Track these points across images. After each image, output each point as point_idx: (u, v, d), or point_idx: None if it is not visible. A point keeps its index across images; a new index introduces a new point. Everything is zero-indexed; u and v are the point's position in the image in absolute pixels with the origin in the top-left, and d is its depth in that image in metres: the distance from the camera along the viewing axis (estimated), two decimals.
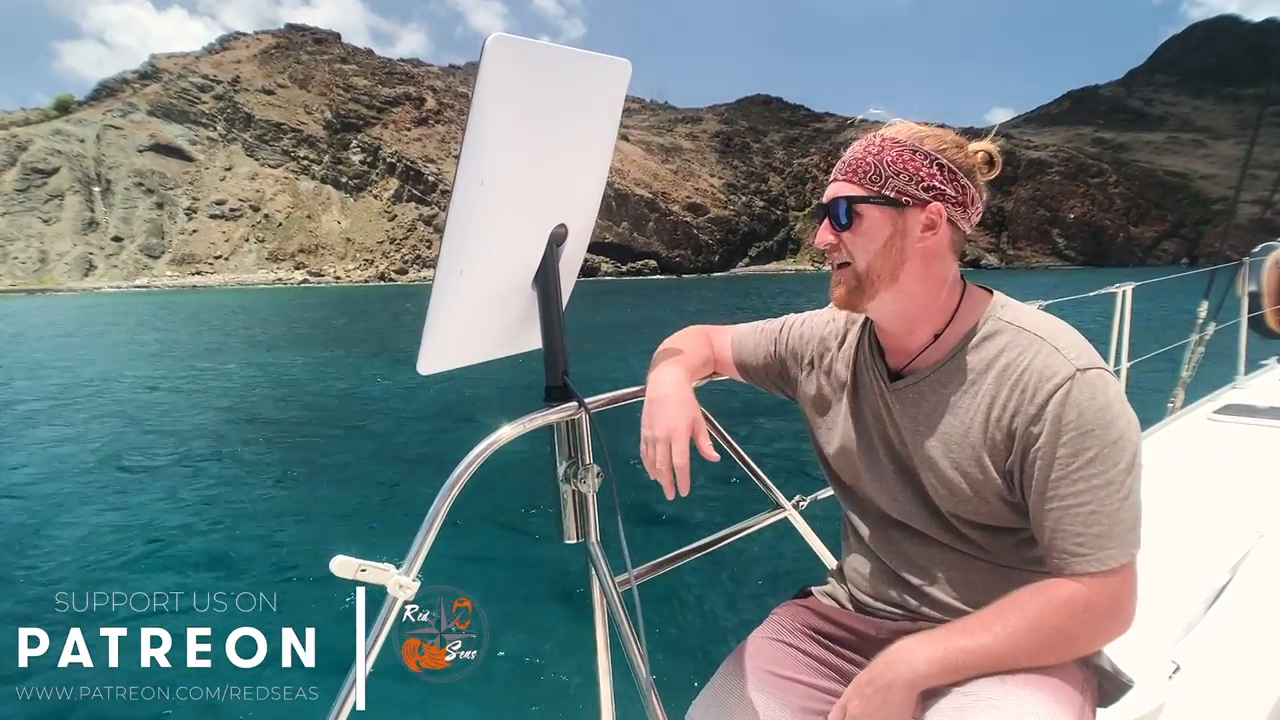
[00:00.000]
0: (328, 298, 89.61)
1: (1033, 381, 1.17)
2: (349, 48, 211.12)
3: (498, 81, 1.05)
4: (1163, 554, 2.65)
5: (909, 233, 1.24)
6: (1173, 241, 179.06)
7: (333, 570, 1.05)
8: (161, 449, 12.40)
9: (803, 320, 1.57)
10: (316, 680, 5.41)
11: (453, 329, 1.25)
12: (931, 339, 1.30)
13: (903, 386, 1.33)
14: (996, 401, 1.21)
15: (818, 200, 1.33)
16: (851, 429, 1.41)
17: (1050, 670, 1.17)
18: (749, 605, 5.76)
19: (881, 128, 1.29)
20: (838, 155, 1.32)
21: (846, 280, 1.29)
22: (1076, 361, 1.15)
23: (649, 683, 1.25)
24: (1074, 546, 1.13)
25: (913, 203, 1.23)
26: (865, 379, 1.40)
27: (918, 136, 1.25)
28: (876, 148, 1.25)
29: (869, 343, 1.41)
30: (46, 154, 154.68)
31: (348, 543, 7.70)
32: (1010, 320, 1.25)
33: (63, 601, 1.95)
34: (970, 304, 1.30)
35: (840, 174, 1.28)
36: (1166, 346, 4.99)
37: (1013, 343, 1.22)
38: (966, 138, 1.31)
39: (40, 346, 33.35)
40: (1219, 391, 5.10)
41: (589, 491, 1.30)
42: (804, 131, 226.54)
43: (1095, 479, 1.12)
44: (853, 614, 1.46)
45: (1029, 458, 1.18)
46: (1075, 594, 1.14)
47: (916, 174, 1.23)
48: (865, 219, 1.24)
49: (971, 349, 1.26)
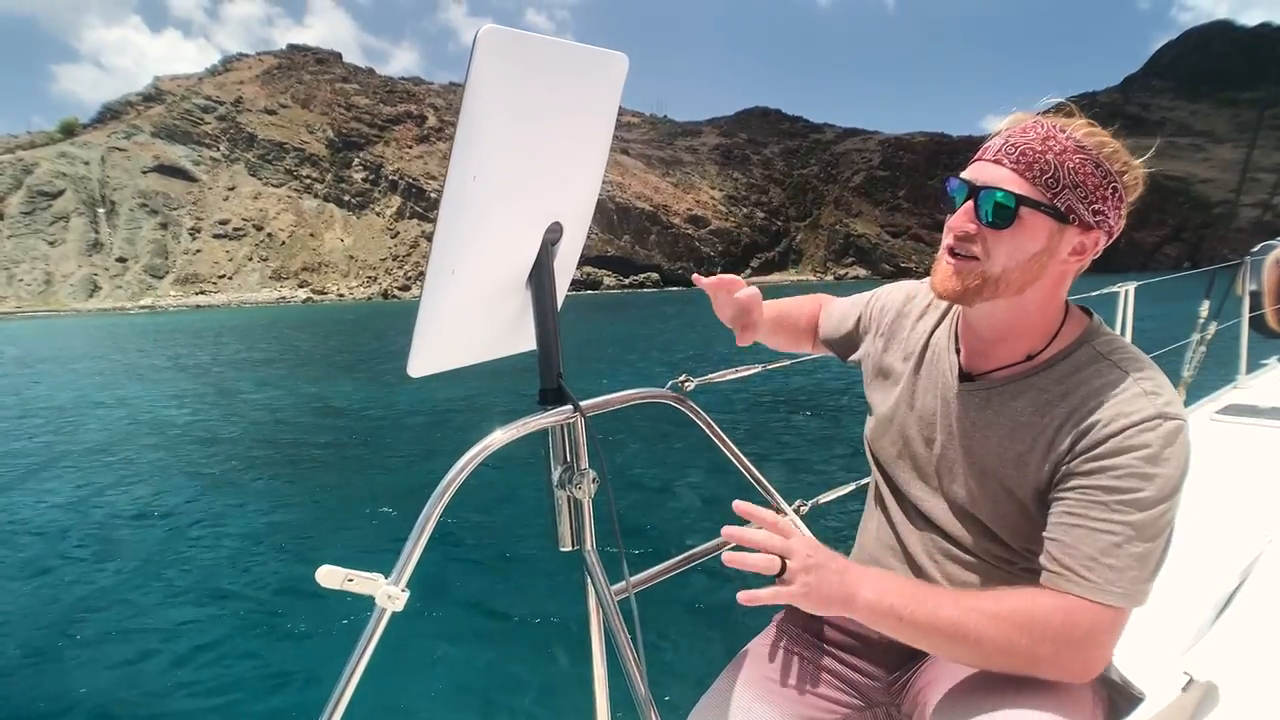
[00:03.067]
0: (330, 315, 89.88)
1: (1109, 413, 1.10)
2: (350, 67, 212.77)
3: (490, 75, 1.02)
4: (1169, 558, 2.61)
5: (1058, 251, 1.14)
6: (1175, 246, 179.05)
7: (319, 580, 1.02)
8: (144, 460, 12.37)
9: (888, 291, 1.53)
10: (305, 691, 5.41)
11: (444, 330, 1.21)
12: (1025, 356, 1.22)
13: (973, 389, 1.27)
14: (1065, 427, 1.14)
15: (951, 176, 1.17)
16: (902, 412, 1.37)
17: (1059, 685, 1.11)
18: (749, 613, 5.68)
19: (1051, 114, 1.16)
20: (838, 166, 1.23)
21: (967, 276, 1.16)
22: (1164, 408, 1.09)
23: (647, 696, 1.21)
24: (1082, 568, 1.08)
25: (1076, 222, 1.12)
26: (935, 368, 1.34)
27: (1100, 146, 1.12)
28: (1059, 146, 1.10)
29: (950, 333, 1.35)
30: (52, 176, 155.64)
31: (335, 552, 7.67)
32: (1105, 353, 1.18)
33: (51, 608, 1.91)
34: (1070, 328, 1.22)
35: (1007, 159, 1.12)
36: (1168, 347, 4.96)
37: (1103, 377, 1.15)
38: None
39: (37, 370, 33.41)
40: (1221, 391, 5.07)
41: (585, 498, 1.26)
42: (803, 143, 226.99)
43: (1133, 517, 1.07)
44: (855, 620, 1.43)
45: (1073, 473, 1.12)
46: (1057, 612, 1.07)
47: (1092, 192, 1.11)
48: (1025, 223, 1.11)
49: (1058, 373, 1.19)
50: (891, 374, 1.42)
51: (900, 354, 1.42)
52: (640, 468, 9.88)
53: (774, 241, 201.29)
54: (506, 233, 1.22)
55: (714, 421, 1.55)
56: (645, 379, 17.99)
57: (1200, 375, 5.21)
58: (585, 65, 1.21)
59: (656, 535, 7.40)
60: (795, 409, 13.99)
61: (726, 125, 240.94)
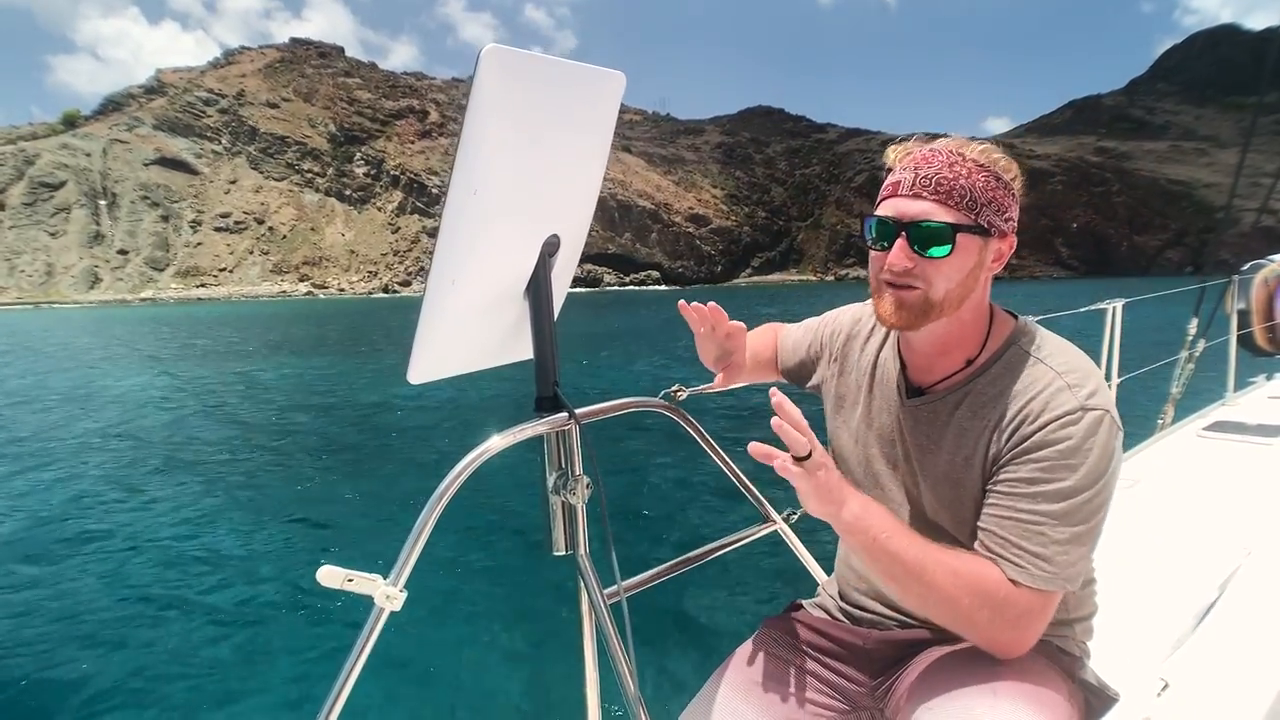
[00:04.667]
0: (332, 309, 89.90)
1: (1037, 409, 1.16)
2: (352, 61, 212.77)
3: (492, 92, 1.05)
4: (1151, 570, 2.65)
5: (985, 263, 1.21)
6: (1177, 250, 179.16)
7: (319, 580, 1.04)
8: (142, 458, 12.40)
9: (836, 316, 1.58)
10: (303, 689, 5.44)
11: (444, 338, 1.24)
12: (964, 363, 1.28)
13: (919, 404, 1.33)
14: (1000, 426, 1.20)
15: (872, 215, 1.23)
16: (863, 432, 1.42)
17: (1039, 682, 1.17)
18: (738, 618, 5.73)
19: (941, 139, 1.23)
20: (840, 166, 1.26)
21: (911, 304, 1.21)
22: (1086, 401, 1.15)
23: (637, 697, 1.24)
24: (1014, 556, 1.14)
25: (996, 233, 1.20)
26: (884, 389, 1.40)
27: (994, 162, 1.20)
28: (965, 170, 1.17)
29: (894, 352, 1.40)
30: (53, 168, 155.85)
31: (335, 552, 7.69)
32: (1031, 350, 1.24)
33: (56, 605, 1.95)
34: (998, 330, 1.29)
35: (926, 192, 1.17)
36: (1156, 363, 4.99)
37: (1029, 374, 1.21)
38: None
39: (39, 361, 33.43)
40: (1208, 408, 5.10)
41: (578, 503, 1.29)
42: (806, 142, 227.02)
43: (1055, 506, 1.13)
44: (842, 625, 1.47)
45: (1001, 467, 1.18)
46: (1002, 586, 1.13)
47: (1000, 202, 1.19)
48: (960, 247, 1.17)
49: (991, 375, 1.25)
50: (849, 398, 1.48)
51: (854, 378, 1.48)
52: (633, 475, 9.89)
53: (775, 241, 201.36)
54: (506, 245, 1.25)
55: (705, 430, 1.58)
56: (639, 379, 17.67)
57: (1188, 392, 5.24)
58: (583, 83, 1.24)
59: (648, 541, 7.43)
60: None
61: (729, 124, 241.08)
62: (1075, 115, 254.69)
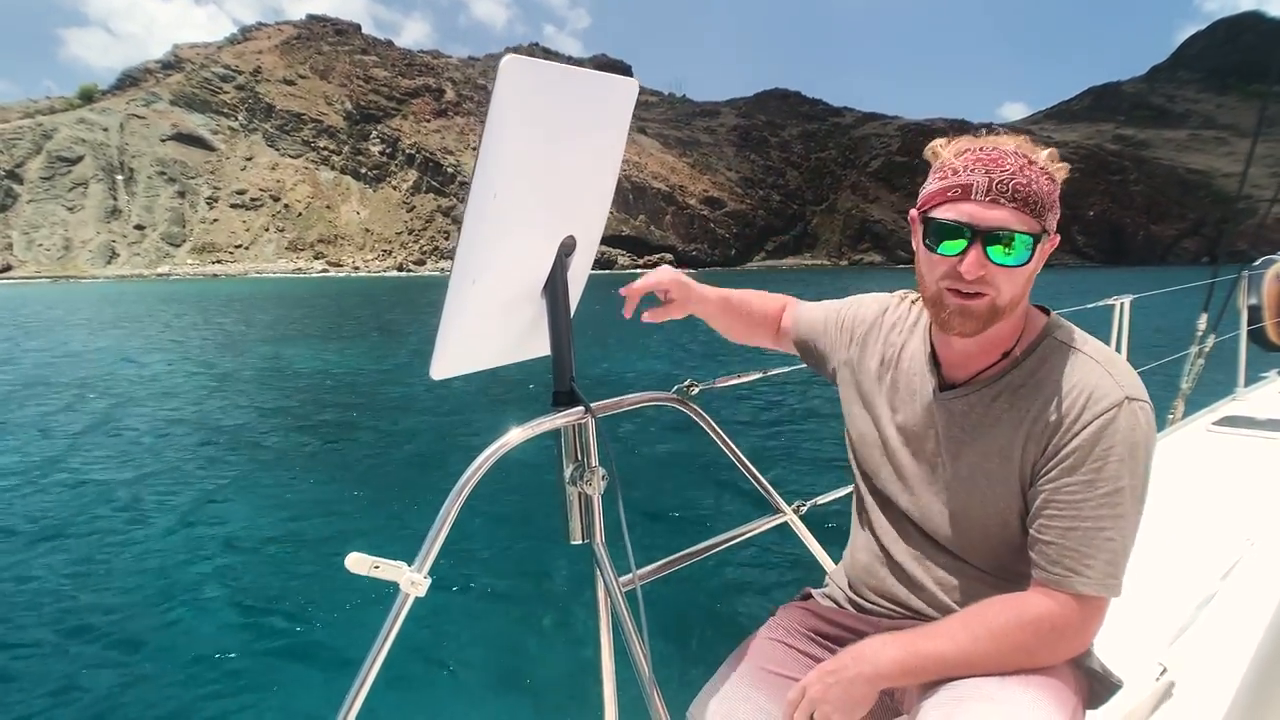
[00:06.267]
0: (348, 288, 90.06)
1: (1080, 401, 1.18)
2: (369, 39, 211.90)
3: (511, 102, 1.10)
4: (1156, 560, 2.69)
5: (1040, 264, 1.23)
6: (1193, 240, 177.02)
7: (348, 566, 1.10)
8: (170, 442, 12.55)
9: (860, 302, 1.58)
10: (330, 671, 5.56)
11: (465, 336, 1.29)
12: (1000, 357, 1.30)
13: (953, 398, 1.34)
14: (1040, 418, 1.22)
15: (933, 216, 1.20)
16: (888, 424, 1.43)
17: (1045, 672, 1.20)
18: (750, 606, 5.82)
19: (996, 136, 1.22)
20: (856, 150, 1.23)
21: (979, 312, 1.21)
22: (1127, 390, 1.17)
23: (651, 680, 1.29)
24: (1080, 565, 1.15)
25: (1050, 235, 1.22)
26: (915, 381, 1.40)
27: (1056, 165, 1.21)
28: (1034, 174, 1.17)
29: (925, 344, 1.41)
30: (71, 142, 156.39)
31: (361, 540, 7.79)
32: (1065, 341, 1.26)
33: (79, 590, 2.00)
34: (1032, 324, 1.31)
35: (1004, 199, 1.16)
36: (1166, 358, 4.99)
37: (1066, 364, 1.23)
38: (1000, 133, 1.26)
39: (56, 334, 33.72)
40: (1219, 403, 5.11)
41: (594, 494, 1.33)
42: (822, 126, 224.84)
43: (1118, 508, 1.15)
44: (851, 614, 1.49)
45: (1052, 468, 1.20)
46: (1047, 612, 1.16)
47: (1057, 207, 1.20)
48: (1033, 255, 1.19)
49: (1028, 368, 1.27)
50: (871, 385, 1.48)
51: (878, 365, 1.48)
52: (647, 467, 10.03)
53: (789, 225, 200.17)
54: (524, 246, 1.30)
55: (716, 424, 1.62)
56: (651, 367, 17.64)
57: (1199, 387, 5.23)
58: (598, 91, 1.29)
59: (662, 531, 7.51)
60: (795, 412, 14.12)
61: (745, 106, 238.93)
62: (1095, 102, 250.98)
